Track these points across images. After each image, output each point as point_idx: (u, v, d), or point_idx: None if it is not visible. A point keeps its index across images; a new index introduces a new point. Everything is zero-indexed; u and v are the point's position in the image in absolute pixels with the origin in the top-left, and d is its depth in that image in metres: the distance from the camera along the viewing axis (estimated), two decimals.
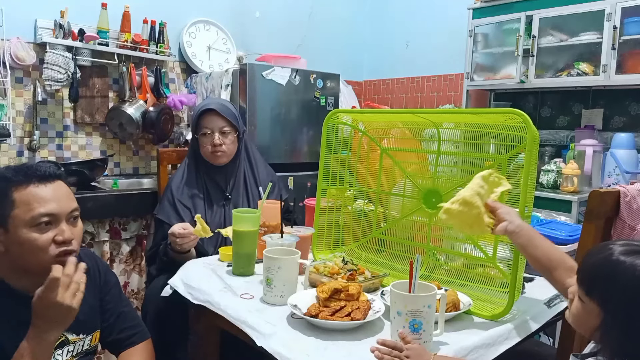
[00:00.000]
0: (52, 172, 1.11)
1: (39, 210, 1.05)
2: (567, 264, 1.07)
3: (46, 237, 1.06)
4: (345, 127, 1.60)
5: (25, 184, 1.07)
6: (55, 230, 1.08)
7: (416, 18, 3.94)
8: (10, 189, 1.06)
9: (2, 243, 1.07)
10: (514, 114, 1.16)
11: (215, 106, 1.85)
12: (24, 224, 1.05)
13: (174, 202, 1.82)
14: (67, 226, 1.10)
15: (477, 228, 1.13)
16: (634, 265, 0.81)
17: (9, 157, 2.64)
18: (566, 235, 1.46)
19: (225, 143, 1.84)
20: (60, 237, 1.07)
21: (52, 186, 1.09)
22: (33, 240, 1.05)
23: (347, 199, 1.64)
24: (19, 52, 2.50)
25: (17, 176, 1.07)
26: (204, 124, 1.85)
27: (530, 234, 1.10)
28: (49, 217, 1.06)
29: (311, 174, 3.04)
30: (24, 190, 1.06)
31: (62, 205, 1.09)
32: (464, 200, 1.12)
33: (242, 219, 1.44)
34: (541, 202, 2.59)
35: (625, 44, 2.63)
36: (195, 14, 3.26)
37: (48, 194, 1.07)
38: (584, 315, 0.87)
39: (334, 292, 1.13)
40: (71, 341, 1.19)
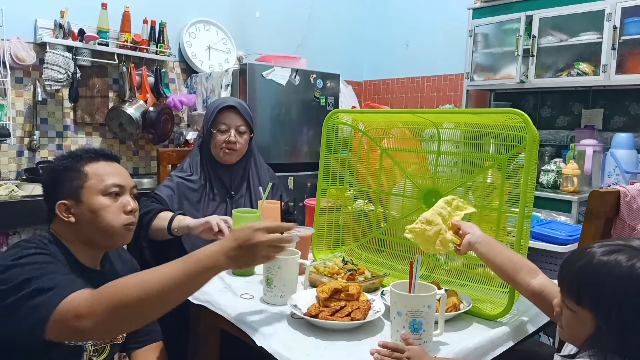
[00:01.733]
0: (114, 154, 1.26)
1: (110, 181, 1.18)
2: (528, 266, 1.09)
3: (117, 205, 1.18)
4: (345, 127, 1.60)
5: (95, 160, 1.20)
6: (122, 200, 1.20)
7: (416, 18, 3.94)
8: (82, 164, 1.18)
9: (74, 215, 1.16)
10: (514, 114, 1.16)
11: (235, 104, 1.86)
12: (98, 192, 1.16)
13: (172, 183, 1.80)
14: (131, 199, 1.23)
15: (440, 245, 1.19)
16: (618, 264, 0.80)
17: (9, 157, 2.64)
18: (566, 235, 1.46)
19: (239, 142, 1.84)
20: (128, 206, 1.20)
21: (116, 165, 1.24)
22: (107, 206, 1.17)
23: (347, 199, 1.64)
24: (19, 52, 2.50)
25: (87, 154, 1.21)
26: (222, 119, 1.84)
27: (491, 242, 1.14)
28: (118, 188, 1.19)
29: (311, 174, 3.05)
30: (94, 164, 1.19)
31: (126, 180, 1.23)
32: (425, 219, 1.20)
33: (242, 219, 1.44)
34: (541, 202, 2.59)
35: (625, 44, 2.63)
36: (195, 14, 3.26)
37: (115, 169, 1.22)
38: (577, 324, 0.85)
39: (334, 292, 1.13)
40: None
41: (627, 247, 0.83)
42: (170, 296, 0.97)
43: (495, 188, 1.31)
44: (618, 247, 0.83)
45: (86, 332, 0.94)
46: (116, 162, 1.25)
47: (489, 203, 1.33)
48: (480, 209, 1.34)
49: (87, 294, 0.95)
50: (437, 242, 1.18)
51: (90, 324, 0.92)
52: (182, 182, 1.82)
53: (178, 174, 1.85)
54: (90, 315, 0.92)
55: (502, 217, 1.26)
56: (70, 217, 1.16)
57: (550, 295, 1.03)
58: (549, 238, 1.47)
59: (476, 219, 1.35)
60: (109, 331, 1.02)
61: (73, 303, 0.94)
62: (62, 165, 1.19)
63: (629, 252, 0.81)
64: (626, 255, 0.81)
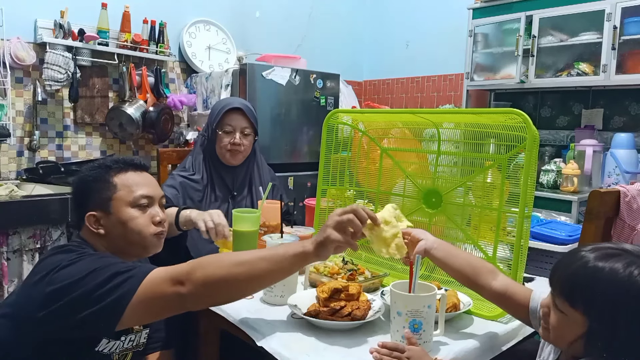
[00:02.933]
0: (143, 164, 1.26)
1: (140, 192, 1.18)
2: (487, 267, 1.08)
3: (145, 217, 1.18)
4: (345, 127, 1.60)
5: (124, 171, 1.20)
6: (151, 211, 1.20)
7: (416, 18, 3.94)
8: (111, 175, 1.18)
9: (103, 227, 1.15)
10: (514, 114, 1.16)
11: (241, 106, 1.86)
12: (127, 204, 1.16)
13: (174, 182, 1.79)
14: (160, 209, 1.23)
15: (395, 250, 1.12)
16: (613, 270, 0.81)
17: (9, 157, 2.64)
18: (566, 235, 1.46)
19: (244, 144, 1.84)
20: (157, 217, 1.20)
21: (145, 175, 1.23)
22: (136, 218, 1.16)
23: (347, 199, 1.64)
24: (19, 52, 2.50)
25: (116, 164, 1.20)
26: (227, 121, 1.84)
27: (447, 247, 1.12)
28: (147, 200, 1.19)
29: (311, 174, 3.05)
30: (123, 175, 1.19)
31: (155, 190, 1.23)
32: (384, 220, 1.12)
33: (242, 219, 1.44)
34: (541, 202, 2.59)
35: (625, 44, 2.63)
36: (195, 14, 3.26)
37: (144, 180, 1.21)
38: (566, 326, 0.85)
39: (334, 292, 1.13)
40: (134, 330, 1.21)
41: (623, 251, 0.83)
42: (263, 275, 1.00)
43: (495, 188, 1.31)
44: (614, 251, 0.83)
45: (184, 298, 0.96)
46: (145, 172, 1.24)
47: (489, 203, 1.33)
48: (480, 209, 1.34)
49: (178, 266, 0.99)
50: (392, 245, 1.12)
51: (188, 289, 0.95)
52: (185, 182, 1.82)
53: (181, 173, 1.85)
54: (189, 281, 0.96)
55: (502, 217, 1.26)
56: (99, 229, 1.15)
57: (514, 296, 1.03)
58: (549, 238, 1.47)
59: (476, 219, 1.35)
60: (204, 300, 1.03)
61: (160, 275, 0.97)
62: (92, 176, 1.18)
63: (626, 258, 0.81)
64: (624, 261, 0.81)
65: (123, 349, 1.20)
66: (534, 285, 1.41)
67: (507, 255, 1.26)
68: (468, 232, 1.34)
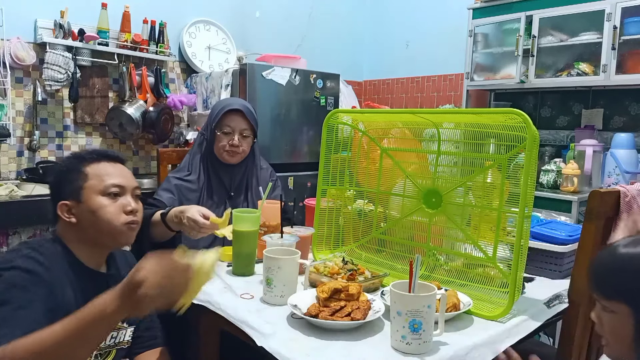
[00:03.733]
0: (118, 156, 1.26)
1: (109, 181, 1.19)
2: None
3: (116, 205, 1.18)
4: (345, 127, 1.60)
5: (97, 161, 1.21)
6: (123, 201, 1.20)
7: (416, 18, 3.94)
8: (83, 165, 1.19)
9: (75, 215, 1.17)
10: (514, 114, 1.16)
11: (241, 107, 1.85)
12: (97, 192, 1.17)
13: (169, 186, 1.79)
14: (132, 199, 1.23)
15: None
16: None
17: (9, 157, 2.64)
18: (566, 235, 1.45)
19: (243, 145, 1.84)
20: (128, 207, 1.20)
21: (119, 166, 1.24)
22: (105, 206, 1.17)
23: (347, 199, 1.64)
24: (19, 52, 2.50)
25: (90, 155, 1.22)
26: (227, 122, 1.84)
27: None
28: (117, 188, 1.19)
29: (311, 174, 3.04)
30: (96, 164, 1.20)
31: (128, 180, 1.23)
32: None
33: (242, 219, 1.44)
34: (541, 202, 2.59)
35: (625, 44, 2.63)
36: (195, 14, 3.26)
37: (117, 170, 1.22)
38: (618, 325, 0.84)
39: (334, 292, 1.13)
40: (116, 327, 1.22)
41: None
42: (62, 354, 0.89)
43: (495, 188, 1.31)
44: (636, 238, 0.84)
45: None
46: (120, 163, 1.25)
47: (489, 203, 1.33)
48: (480, 209, 1.34)
49: None
50: None
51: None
52: (180, 184, 1.81)
53: (175, 175, 1.84)
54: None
55: (502, 217, 1.26)
56: (71, 218, 1.17)
57: None
58: (549, 238, 1.47)
59: (476, 219, 1.35)
60: None
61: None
62: (65, 167, 1.21)
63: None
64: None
65: (105, 345, 1.20)
66: (534, 285, 1.41)
67: (507, 255, 1.26)
68: (468, 232, 1.34)
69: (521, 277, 1.20)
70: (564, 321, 1.27)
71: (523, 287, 1.31)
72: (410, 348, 0.99)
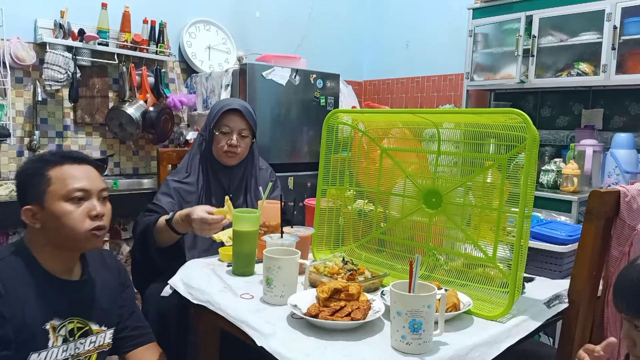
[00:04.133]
0: (83, 157, 1.22)
1: (73, 185, 1.15)
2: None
3: (80, 211, 1.15)
4: (345, 127, 1.60)
5: (60, 164, 1.17)
6: (87, 205, 1.16)
7: (416, 18, 3.94)
8: (46, 168, 1.15)
9: (39, 220, 1.14)
10: (514, 114, 1.16)
11: (240, 107, 1.85)
12: (60, 197, 1.13)
13: (168, 190, 1.80)
14: (98, 203, 1.19)
15: None
16: None
17: (9, 157, 2.64)
18: (566, 235, 1.45)
19: (241, 146, 1.83)
20: (93, 211, 1.16)
21: (84, 167, 1.20)
22: (69, 212, 1.14)
23: (347, 199, 1.63)
24: (19, 52, 2.50)
25: (54, 157, 1.18)
26: (225, 122, 1.84)
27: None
28: (82, 192, 1.16)
29: (311, 174, 3.04)
30: (59, 168, 1.16)
31: (93, 183, 1.19)
32: None
33: (242, 219, 1.44)
34: (541, 202, 2.59)
35: (625, 44, 2.63)
36: (195, 14, 3.26)
37: (81, 172, 1.18)
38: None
39: (334, 292, 1.13)
40: (94, 332, 1.23)
41: None
42: None
43: (495, 188, 1.31)
44: None
45: None
46: (86, 164, 1.21)
47: (489, 203, 1.33)
48: (480, 209, 1.34)
49: None
50: None
51: None
52: (179, 187, 1.81)
53: (174, 178, 1.84)
54: None
55: (502, 217, 1.26)
56: (36, 223, 1.14)
57: None
58: (549, 238, 1.46)
59: (476, 219, 1.35)
60: None
61: None
62: (28, 170, 1.17)
63: None
64: None
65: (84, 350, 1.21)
66: (534, 285, 1.41)
67: (507, 255, 1.26)
68: (468, 232, 1.34)
69: (521, 277, 1.20)
70: (564, 321, 1.27)
71: (523, 287, 1.31)
72: (410, 348, 0.99)
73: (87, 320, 1.22)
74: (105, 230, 1.21)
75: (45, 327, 1.14)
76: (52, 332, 1.15)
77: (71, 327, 1.19)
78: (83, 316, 1.22)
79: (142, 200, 2.36)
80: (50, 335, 1.14)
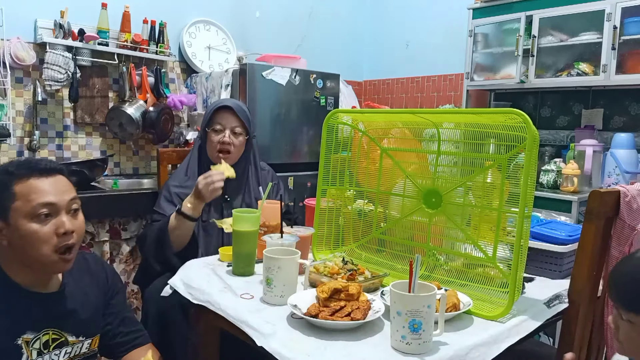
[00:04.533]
0: (52, 167, 1.13)
1: (37, 201, 1.06)
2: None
3: (47, 229, 1.07)
4: (345, 127, 1.60)
5: (26, 177, 1.08)
6: (55, 222, 1.08)
7: (416, 18, 3.94)
8: (11, 182, 1.07)
9: (5, 236, 1.08)
10: (514, 114, 1.16)
11: (232, 104, 1.86)
12: (24, 216, 1.06)
13: (170, 197, 1.80)
14: (68, 217, 1.11)
15: None
16: None
17: (9, 157, 2.64)
18: (566, 235, 1.45)
19: (234, 143, 1.83)
20: (61, 229, 1.08)
21: (52, 179, 1.11)
22: (34, 232, 1.06)
23: (347, 199, 1.64)
24: (19, 52, 2.50)
25: (19, 170, 1.09)
26: (217, 119, 1.84)
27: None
28: (48, 208, 1.07)
29: (311, 174, 3.04)
30: (24, 183, 1.07)
31: (61, 196, 1.10)
32: None
33: (242, 219, 1.44)
34: (541, 202, 2.59)
35: (625, 44, 2.62)
36: (195, 14, 3.26)
37: (47, 186, 1.09)
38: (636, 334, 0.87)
39: (334, 292, 1.13)
40: (70, 343, 1.20)
41: None
42: None
43: (495, 188, 1.31)
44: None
45: None
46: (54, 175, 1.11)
47: (489, 203, 1.33)
48: (480, 209, 1.34)
49: None
50: None
51: None
52: (180, 192, 1.81)
53: (174, 183, 1.84)
54: None
55: (502, 217, 1.26)
56: (2, 240, 1.08)
57: None
58: (549, 238, 1.46)
59: (476, 219, 1.35)
60: None
61: None
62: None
63: None
64: None
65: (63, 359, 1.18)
66: (534, 285, 1.41)
67: (507, 255, 1.26)
68: (468, 232, 1.34)
69: (521, 277, 1.20)
70: (564, 321, 1.27)
71: (523, 287, 1.31)
72: (410, 348, 0.99)
73: (63, 331, 1.18)
74: (77, 248, 1.13)
75: (17, 342, 1.09)
76: (25, 347, 1.10)
77: (46, 338, 1.14)
78: (59, 327, 1.17)
79: (142, 200, 2.35)
80: (24, 350, 1.10)
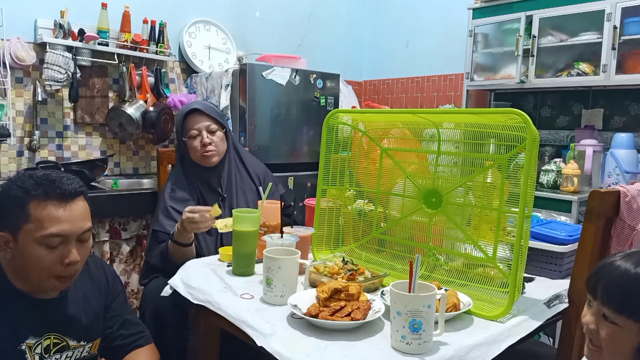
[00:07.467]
0: (72, 190, 1.09)
1: (50, 230, 1.05)
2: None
3: (53, 257, 1.07)
4: (345, 127, 1.60)
5: (44, 200, 1.05)
6: (63, 250, 1.08)
7: (416, 18, 3.94)
8: (27, 201, 1.05)
9: (10, 250, 1.08)
10: (514, 114, 1.16)
11: (198, 106, 1.86)
12: (34, 240, 1.05)
13: (167, 211, 1.80)
14: (76, 246, 1.10)
15: None
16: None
17: (9, 157, 2.64)
18: (566, 235, 1.45)
19: (214, 141, 1.83)
20: (67, 259, 1.08)
21: (70, 206, 1.08)
22: (40, 258, 1.05)
23: (347, 199, 1.64)
24: (19, 52, 2.50)
25: (37, 189, 1.06)
26: (190, 125, 1.84)
27: None
28: (60, 238, 1.07)
29: (311, 174, 3.04)
30: (41, 206, 1.05)
31: (75, 226, 1.08)
32: None
33: (242, 219, 1.44)
34: (541, 202, 2.59)
35: (625, 44, 2.62)
36: (195, 14, 3.26)
37: (63, 214, 1.06)
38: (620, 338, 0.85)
39: (334, 292, 1.13)
40: (71, 347, 1.20)
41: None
42: None
43: (495, 188, 1.31)
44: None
45: None
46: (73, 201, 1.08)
47: (489, 203, 1.33)
48: (480, 209, 1.34)
49: None
50: None
51: None
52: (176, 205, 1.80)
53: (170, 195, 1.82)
54: None
55: (502, 217, 1.26)
56: (7, 252, 1.08)
57: None
58: (549, 238, 1.46)
59: (476, 219, 1.35)
60: None
61: None
62: (11, 194, 1.06)
63: None
64: None
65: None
66: (534, 285, 1.41)
67: (507, 255, 1.26)
68: (468, 232, 1.34)
69: (521, 277, 1.20)
70: (564, 321, 1.27)
71: (523, 287, 1.31)
72: (410, 348, 0.99)
73: (64, 336, 1.19)
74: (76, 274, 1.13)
75: (21, 347, 1.10)
76: (29, 352, 1.12)
77: (47, 343, 1.15)
78: (60, 332, 1.18)
79: (142, 200, 2.36)
80: (28, 356, 1.11)
